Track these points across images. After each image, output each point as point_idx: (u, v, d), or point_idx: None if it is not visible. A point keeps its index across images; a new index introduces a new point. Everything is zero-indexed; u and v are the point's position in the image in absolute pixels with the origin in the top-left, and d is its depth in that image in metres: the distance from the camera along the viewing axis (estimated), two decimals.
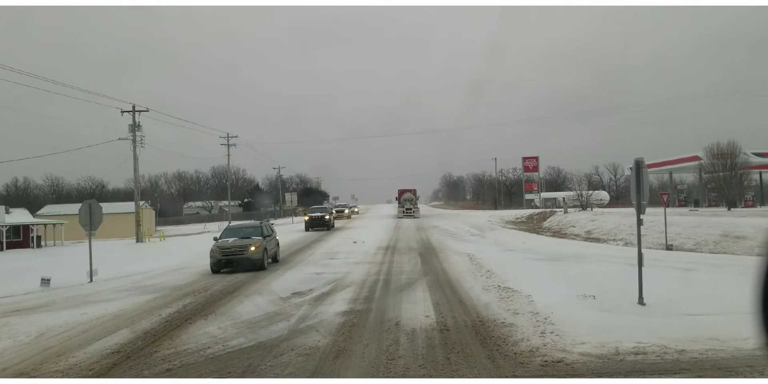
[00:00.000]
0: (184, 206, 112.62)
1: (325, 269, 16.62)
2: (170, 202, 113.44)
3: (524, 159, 79.95)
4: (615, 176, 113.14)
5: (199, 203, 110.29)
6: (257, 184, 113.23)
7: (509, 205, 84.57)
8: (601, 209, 38.57)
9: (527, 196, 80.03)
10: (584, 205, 42.58)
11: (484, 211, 65.16)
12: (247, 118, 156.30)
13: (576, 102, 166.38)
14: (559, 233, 35.53)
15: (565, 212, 42.74)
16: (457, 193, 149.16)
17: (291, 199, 56.79)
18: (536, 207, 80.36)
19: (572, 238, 32.29)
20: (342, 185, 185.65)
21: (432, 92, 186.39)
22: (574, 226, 36.29)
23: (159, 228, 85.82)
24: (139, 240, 39.42)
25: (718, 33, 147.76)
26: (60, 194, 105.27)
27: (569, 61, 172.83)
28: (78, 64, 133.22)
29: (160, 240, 38.87)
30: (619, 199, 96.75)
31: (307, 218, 38.14)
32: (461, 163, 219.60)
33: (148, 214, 77.19)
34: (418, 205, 61.23)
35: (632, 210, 41.48)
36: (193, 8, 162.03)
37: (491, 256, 19.06)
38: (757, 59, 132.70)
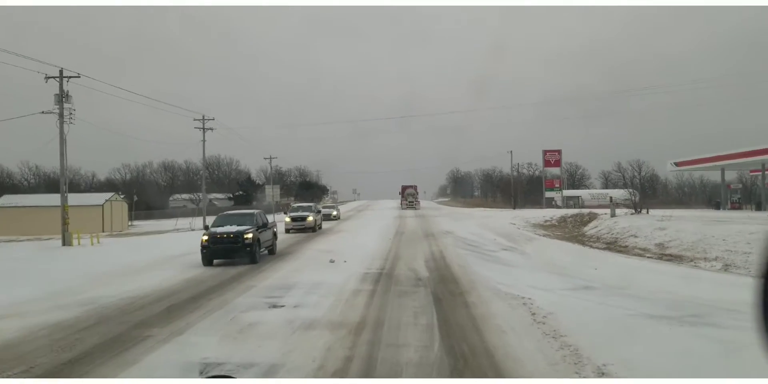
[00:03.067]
0: (170, 199, 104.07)
1: (235, 348, 7.70)
2: (157, 194, 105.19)
3: (545, 152, 70.74)
4: (639, 173, 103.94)
5: (186, 196, 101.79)
6: (249, 176, 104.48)
7: (523, 204, 75.42)
8: (668, 212, 29.81)
9: (548, 194, 70.93)
10: (637, 206, 33.51)
11: (501, 211, 56.06)
12: (247, 110, 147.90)
13: (587, 98, 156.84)
14: (615, 245, 26.55)
15: (613, 215, 33.73)
16: (465, 189, 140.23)
17: (272, 193, 47.80)
18: (557, 206, 71.31)
19: (639, 254, 23.30)
20: (345, 179, 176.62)
21: (439, 86, 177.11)
22: (635, 237, 27.24)
23: (137, 222, 77.48)
24: (65, 242, 30.57)
25: (732, 31, 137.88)
26: (40, 183, 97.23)
27: (580, 58, 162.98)
28: (81, 59, 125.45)
29: (92, 243, 30.04)
30: (647, 198, 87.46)
31: (204, 238, 17.34)
32: (468, 158, 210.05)
33: (119, 208, 68.54)
34: (419, 199, 71.78)
35: (706, 213, 31.34)
36: (194, 8, 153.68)
37: (566, 305, 10.19)
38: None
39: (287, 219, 31.47)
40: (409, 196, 68.43)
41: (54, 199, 65.31)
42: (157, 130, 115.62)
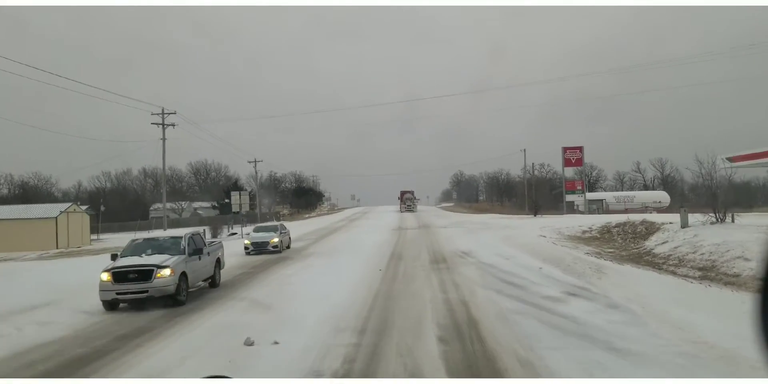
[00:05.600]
0: (151, 208, 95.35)
1: None
2: (136, 203, 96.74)
3: (564, 149, 61.90)
4: (662, 173, 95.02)
5: (168, 205, 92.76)
6: (235, 182, 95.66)
7: (539, 209, 66.29)
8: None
9: (568, 198, 62.10)
10: (720, 213, 24.66)
11: (520, 218, 47.10)
12: (242, 113, 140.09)
13: (594, 97, 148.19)
14: (716, 273, 17.67)
15: (685, 225, 24.91)
16: (469, 193, 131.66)
17: (240, 200, 38.99)
18: (580, 212, 62.56)
19: None
20: (344, 185, 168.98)
21: (440, 88, 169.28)
22: (746, 259, 18.39)
23: (108, 236, 68.88)
24: None
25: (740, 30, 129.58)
26: (14, 193, 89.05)
27: (582, 57, 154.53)
28: (84, 62, 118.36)
29: None
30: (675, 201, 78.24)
31: None
32: (472, 161, 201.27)
33: (79, 220, 59.78)
34: (416, 203, 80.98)
35: None
36: (193, 8, 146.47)
37: None
38: None
39: (104, 276, 12.43)
40: (407, 201, 77.27)
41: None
42: (139, 133, 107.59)
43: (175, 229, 70.90)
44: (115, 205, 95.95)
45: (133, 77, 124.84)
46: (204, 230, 49.80)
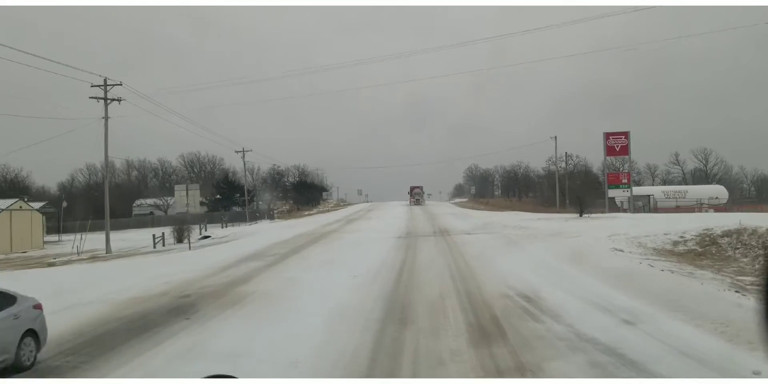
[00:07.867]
0: (134, 204, 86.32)
1: None
2: (118, 198, 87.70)
3: (607, 135, 51.52)
4: (706, 165, 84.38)
5: (151, 200, 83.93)
6: (227, 175, 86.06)
7: (564, 206, 56.00)
8: None
9: (611, 192, 51.93)
10: None
11: (566, 221, 36.57)
12: (252, 112, 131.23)
13: (615, 87, 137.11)
14: None
15: None
16: (485, 188, 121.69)
17: (187, 199, 29.09)
18: (623, 209, 52.51)
19: None
20: (351, 180, 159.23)
21: (452, 83, 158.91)
22: None
23: (66, 237, 59.03)
24: None
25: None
26: None
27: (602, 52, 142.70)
28: (82, 59, 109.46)
29: None
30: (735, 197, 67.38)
31: None
32: (484, 153, 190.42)
33: (26, 219, 50.16)
34: (424, 197, 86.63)
35: None
36: (195, 7, 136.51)
37: None
38: None
39: None
40: (416, 195, 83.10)
41: None
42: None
43: (132, 231, 59.93)
44: (100, 200, 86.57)
45: (135, 74, 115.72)
46: (163, 233, 39.86)
